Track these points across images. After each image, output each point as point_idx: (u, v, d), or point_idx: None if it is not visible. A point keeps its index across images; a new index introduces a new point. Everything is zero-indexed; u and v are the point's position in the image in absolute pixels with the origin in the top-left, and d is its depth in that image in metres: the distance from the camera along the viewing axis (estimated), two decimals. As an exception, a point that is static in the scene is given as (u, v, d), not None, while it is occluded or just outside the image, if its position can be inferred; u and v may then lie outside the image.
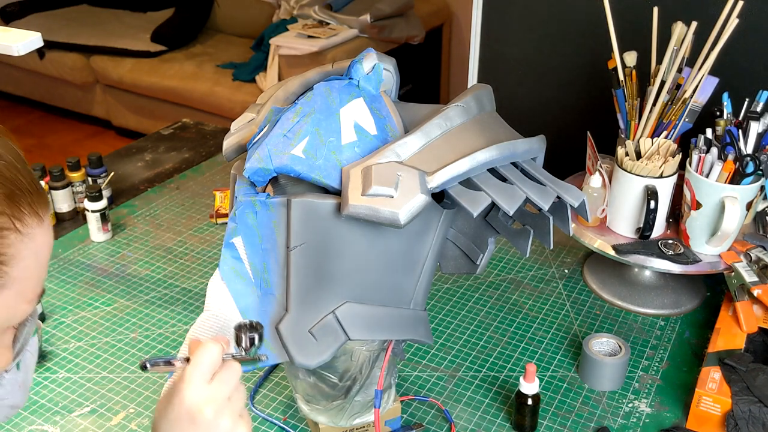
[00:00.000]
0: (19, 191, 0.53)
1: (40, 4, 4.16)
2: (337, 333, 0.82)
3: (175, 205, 1.57)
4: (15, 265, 0.53)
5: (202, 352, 0.64)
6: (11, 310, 0.55)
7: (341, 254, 0.81)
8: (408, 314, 0.87)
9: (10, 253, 0.52)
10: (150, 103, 3.68)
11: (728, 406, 0.97)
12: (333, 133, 0.81)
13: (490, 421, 1.04)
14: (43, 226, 0.56)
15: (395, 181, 0.75)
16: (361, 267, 0.82)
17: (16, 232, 0.53)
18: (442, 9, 3.89)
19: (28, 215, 0.54)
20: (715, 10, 1.19)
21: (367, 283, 0.83)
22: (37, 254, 0.55)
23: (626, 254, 1.18)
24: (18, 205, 0.53)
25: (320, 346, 0.83)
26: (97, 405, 1.06)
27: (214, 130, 1.91)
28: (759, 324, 1.10)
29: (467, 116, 0.84)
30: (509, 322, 1.23)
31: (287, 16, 3.64)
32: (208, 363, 0.64)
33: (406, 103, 0.91)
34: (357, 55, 0.86)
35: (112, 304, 1.27)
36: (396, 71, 0.89)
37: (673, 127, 1.21)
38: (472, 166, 0.78)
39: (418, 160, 0.78)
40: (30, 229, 0.54)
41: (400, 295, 0.86)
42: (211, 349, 0.65)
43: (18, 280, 0.54)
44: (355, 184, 0.76)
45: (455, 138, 0.81)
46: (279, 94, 0.89)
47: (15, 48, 1.32)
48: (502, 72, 1.75)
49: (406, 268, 0.85)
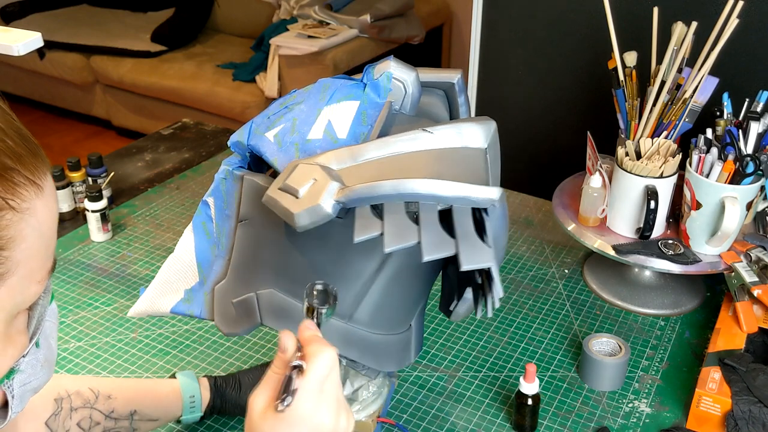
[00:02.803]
0: (10, 160, 0.46)
1: (40, 4, 4.16)
2: (253, 313, 0.84)
3: (175, 205, 1.57)
4: (16, 247, 0.47)
5: (319, 363, 0.61)
6: (21, 294, 0.50)
7: (276, 242, 0.82)
8: (338, 328, 0.83)
9: (8, 236, 0.46)
10: (150, 103, 3.68)
11: (728, 406, 0.97)
12: (306, 127, 0.81)
13: (490, 421, 1.04)
14: (43, 194, 0.49)
15: (308, 183, 0.73)
16: (291, 261, 0.82)
17: (12, 211, 0.46)
18: (442, 9, 3.90)
19: (24, 187, 0.47)
20: (715, 10, 1.19)
21: (296, 278, 0.82)
22: (41, 229, 0.49)
23: (626, 254, 1.18)
24: (10, 179, 0.46)
25: (237, 320, 0.85)
26: (97, 405, 1.06)
27: (214, 130, 1.91)
28: (759, 324, 1.10)
29: (437, 145, 0.78)
30: (509, 322, 1.23)
31: (287, 16, 3.65)
32: (324, 374, 0.61)
33: (421, 118, 0.86)
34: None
35: (112, 304, 1.27)
36: (414, 85, 0.84)
37: (673, 128, 1.21)
38: (387, 192, 0.72)
39: (355, 171, 0.75)
40: (28, 203, 0.47)
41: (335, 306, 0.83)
42: (327, 358, 0.62)
43: (22, 262, 0.48)
44: (282, 176, 0.76)
45: (409, 161, 0.76)
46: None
47: (15, 48, 1.32)
48: (502, 72, 1.75)
49: (339, 279, 0.81)
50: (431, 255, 0.69)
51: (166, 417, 0.93)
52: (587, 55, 1.58)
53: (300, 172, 0.74)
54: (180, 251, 0.89)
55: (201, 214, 0.88)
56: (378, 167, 0.75)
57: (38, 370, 0.56)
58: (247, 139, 0.83)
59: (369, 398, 0.98)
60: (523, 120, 1.77)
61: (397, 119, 0.84)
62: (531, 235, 1.46)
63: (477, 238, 0.71)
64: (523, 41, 1.69)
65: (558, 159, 1.56)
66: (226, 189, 0.86)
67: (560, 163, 1.48)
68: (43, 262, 0.51)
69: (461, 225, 0.71)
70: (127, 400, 0.89)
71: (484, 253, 0.70)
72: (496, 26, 1.70)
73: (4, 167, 0.46)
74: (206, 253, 0.88)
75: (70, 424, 0.84)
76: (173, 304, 0.89)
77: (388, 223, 0.71)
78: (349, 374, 0.96)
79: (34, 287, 0.51)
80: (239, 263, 0.86)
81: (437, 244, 0.70)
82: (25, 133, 0.49)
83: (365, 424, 0.98)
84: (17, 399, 0.55)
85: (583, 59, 1.60)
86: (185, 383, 0.94)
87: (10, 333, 0.52)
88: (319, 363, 0.62)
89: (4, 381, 0.53)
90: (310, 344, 0.64)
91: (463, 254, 0.69)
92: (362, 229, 0.71)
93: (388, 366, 0.89)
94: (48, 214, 0.50)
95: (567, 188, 1.36)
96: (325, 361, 0.62)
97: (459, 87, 0.89)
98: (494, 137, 0.81)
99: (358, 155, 0.76)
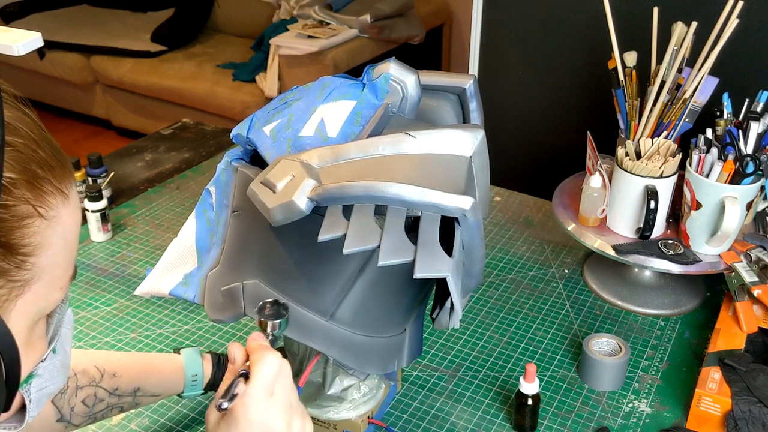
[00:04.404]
0: (41, 170, 0.47)
1: (40, 4, 4.16)
2: (237, 303, 0.85)
3: (175, 205, 1.57)
4: (42, 254, 0.48)
5: (263, 368, 0.62)
6: (44, 300, 0.51)
7: (262, 235, 0.82)
8: (319, 324, 0.83)
9: (35, 242, 0.47)
10: (150, 103, 3.68)
11: (728, 407, 0.97)
12: (299, 124, 0.81)
13: (490, 421, 1.04)
14: (69, 203, 0.50)
15: (286, 179, 0.74)
16: (275, 254, 0.83)
17: (41, 218, 0.47)
18: (442, 9, 3.90)
19: (52, 196, 0.48)
20: (715, 10, 1.19)
21: (279, 272, 0.83)
22: (66, 236, 0.50)
23: (626, 254, 1.18)
24: (41, 187, 0.47)
25: (222, 307, 0.87)
26: (97, 405, 1.06)
27: (214, 130, 1.91)
28: (759, 324, 1.10)
29: (420, 149, 0.77)
30: (509, 322, 1.23)
31: (287, 16, 3.65)
32: (269, 378, 0.63)
33: (419, 121, 0.86)
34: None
35: (112, 304, 1.27)
36: (413, 87, 0.83)
37: (673, 128, 1.21)
38: (357, 194, 0.72)
39: (334, 170, 0.75)
40: (55, 211, 0.49)
41: (316, 302, 0.83)
42: (271, 363, 0.63)
43: (48, 268, 0.49)
44: (266, 170, 0.77)
45: (388, 164, 0.76)
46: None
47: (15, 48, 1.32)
48: (502, 72, 1.75)
49: (320, 275, 0.82)
50: (387, 260, 0.69)
51: (167, 392, 0.95)
52: (587, 55, 1.58)
53: (280, 168, 0.75)
54: (182, 236, 0.92)
55: (203, 201, 0.90)
56: (357, 168, 0.75)
57: (55, 375, 0.57)
58: (246, 132, 0.84)
59: (360, 399, 0.98)
60: (523, 120, 1.77)
61: (393, 121, 0.83)
62: (531, 235, 1.46)
63: (438, 247, 0.70)
64: (523, 41, 1.69)
65: (558, 159, 1.56)
66: (225, 179, 0.88)
67: (560, 163, 1.48)
68: (65, 269, 0.52)
69: (425, 232, 0.71)
70: (132, 378, 0.90)
71: (442, 262, 0.70)
72: (496, 26, 1.70)
73: (36, 176, 0.47)
74: (205, 240, 0.90)
75: (75, 402, 0.86)
76: (172, 287, 0.91)
77: (353, 225, 0.71)
78: (338, 373, 0.96)
79: (57, 294, 0.52)
80: (231, 252, 0.87)
81: (396, 250, 0.69)
82: (55, 144, 0.50)
83: (355, 423, 0.98)
84: (34, 403, 0.56)
85: (583, 59, 1.60)
86: (189, 361, 0.95)
87: (32, 338, 0.53)
88: (263, 368, 0.63)
89: (23, 385, 0.54)
90: (256, 352, 0.66)
91: (419, 262, 0.69)
92: (328, 228, 0.71)
93: (371, 368, 0.88)
94: (72, 222, 0.51)
95: (567, 188, 1.36)
96: (268, 366, 0.63)
97: (470, 92, 0.89)
98: (481, 146, 0.79)
99: (340, 155, 0.76)
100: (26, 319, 0.50)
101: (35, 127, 0.49)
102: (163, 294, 0.92)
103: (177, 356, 0.96)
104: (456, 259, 0.72)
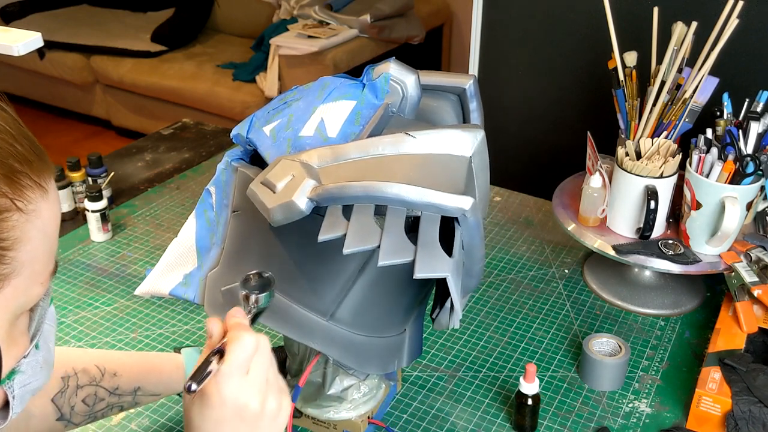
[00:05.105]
0: (19, 164, 0.48)
1: (40, 4, 4.16)
2: (237, 303, 0.84)
3: (175, 205, 1.57)
4: (21, 248, 0.48)
5: (237, 347, 0.62)
6: (24, 295, 0.51)
7: (262, 235, 0.82)
8: (319, 324, 0.83)
9: (14, 237, 0.48)
10: (150, 103, 3.68)
11: (728, 407, 0.97)
12: (299, 124, 0.81)
13: (490, 421, 1.04)
14: (48, 197, 0.51)
15: (286, 179, 0.74)
16: (275, 254, 0.82)
17: (19, 212, 0.48)
18: (442, 9, 3.90)
19: (31, 190, 0.49)
20: (715, 10, 1.19)
21: (280, 272, 0.82)
22: (45, 230, 0.50)
23: (626, 254, 1.18)
24: (18, 181, 0.48)
25: (223, 307, 0.86)
26: (97, 405, 1.06)
27: (214, 130, 1.91)
28: (759, 324, 1.10)
29: (419, 149, 0.77)
30: (509, 322, 1.23)
31: (287, 16, 3.65)
32: (244, 357, 0.62)
33: (419, 121, 0.86)
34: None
35: (112, 304, 1.27)
36: (413, 87, 0.84)
37: (673, 128, 1.21)
38: (357, 194, 0.71)
39: (334, 171, 0.75)
40: (34, 205, 0.49)
41: (316, 302, 0.83)
42: (246, 342, 0.62)
43: (27, 263, 0.49)
44: (266, 170, 0.77)
45: (388, 164, 0.76)
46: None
47: (15, 48, 1.32)
48: (502, 72, 1.75)
49: (320, 275, 0.82)
50: (387, 260, 0.69)
51: (167, 392, 0.95)
52: (587, 55, 1.58)
53: (280, 168, 0.75)
54: (182, 236, 0.91)
55: (203, 201, 0.90)
56: (356, 168, 0.75)
57: (38, 371, 0.57)
58: (246, 132, 0.84)
59: (360, 399, 0.98)
60: (523, 120, 1.77)
61: (393, 121, 0.83)
62: (531, 235, 1.46)
63: (437, 247, 0.70)
64: (523, 41, 1.69)
65: (558, 159, 1.56)
66: (225, 179, 0.87)
67: (560, 163, 1.48)
68: (46, 263, 0.52)
69: (425, 232, 0.71)
70: (132, 378, 0.91)
71: (442, 262, 0.70)
72: (496, 26, 1.70)
73: (13, 170, 0.47)
74: (205, 240, 0.90)
75: (76, 401, 0.86)
76: (172, 287, 0.91)
77: (353, 225, 0.71)
78: (338, 373, 0.96)
79: (37, 288, 0.52)
80: (231, 252, 0.87)
81: (396, 250, 0.69)
82: (32, 137, 0.50)
83: (355, 424, 0.98)
84: (18, 399, 0.56)
85: (583, 59, 1.60)
86: (189, 360, 0.95)
87: (13, 334, 0.53)
88: (238, 347, 0.62)
89: (5, 382, 0.54)
90: (232, 330, 0.65)
91: (419, 262, 0.69)
92: (328, 228, 0.71)
93: (370, 368, 0.88)
94: (52, 216, 0.51)
95: (567, 188, 1.36)
96: (244, 345, 0.63)
97: (470, 93, 0.89)
98: (481, 146, 0.79)
99: (340, 155, 0.76)
100: (7, 314, 0.50)
101: (12, 121, 0.49)
102: (163, 294, 0.91)
103: (177, 356, 0.96)
104: (456, 259, 0.73)
